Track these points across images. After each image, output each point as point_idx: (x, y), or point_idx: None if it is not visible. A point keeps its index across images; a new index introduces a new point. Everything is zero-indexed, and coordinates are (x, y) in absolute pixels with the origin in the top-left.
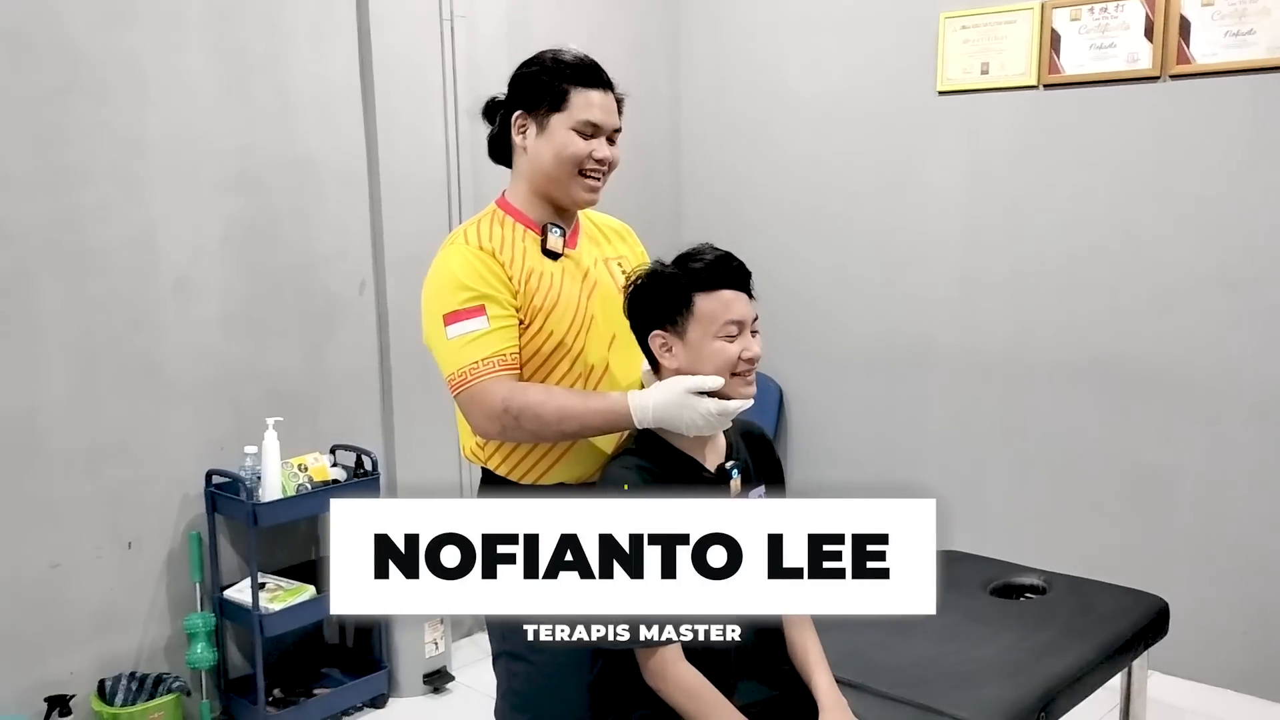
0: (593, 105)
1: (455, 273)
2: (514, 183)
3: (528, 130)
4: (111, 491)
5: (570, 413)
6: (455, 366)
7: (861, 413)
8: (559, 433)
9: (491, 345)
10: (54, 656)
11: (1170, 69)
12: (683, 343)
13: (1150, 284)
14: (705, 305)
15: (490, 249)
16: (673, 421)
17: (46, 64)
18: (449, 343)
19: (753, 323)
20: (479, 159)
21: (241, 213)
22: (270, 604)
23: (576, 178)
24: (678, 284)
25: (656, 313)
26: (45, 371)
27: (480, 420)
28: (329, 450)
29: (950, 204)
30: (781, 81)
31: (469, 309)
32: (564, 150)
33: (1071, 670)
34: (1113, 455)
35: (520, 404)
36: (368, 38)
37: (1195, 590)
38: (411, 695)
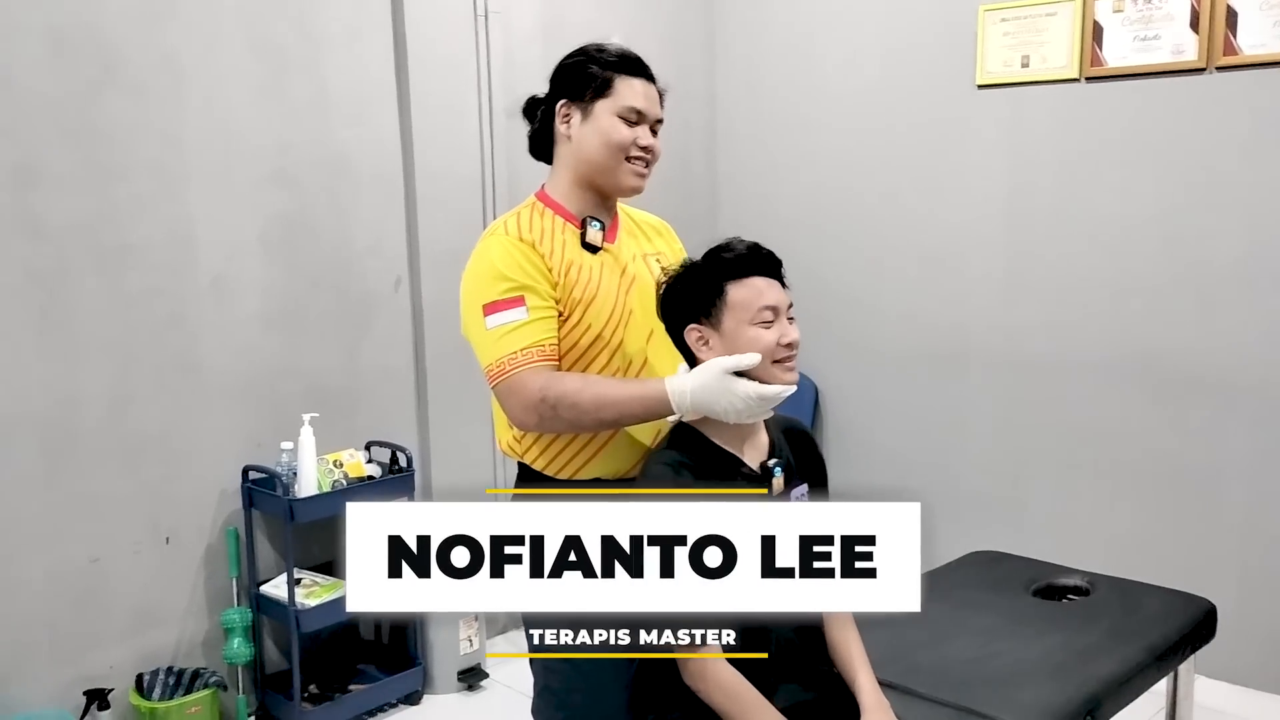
0: (637, 93)
1: (495, 263)
2: (555, 175)
3: (572, 118)
4: (150, 487)
5: (608, 399)
6: (494, 357)
7: (899, 411)
8: (597, 420)
9: (530, 335)
10: (93, 651)
11: (1216, 60)
12: (718, 334)
13: (1196, 280)
14: (738, 294)
15: (530, 240)
16: (710, 406)
17: (86, 61)
18: (488, 333)
19: (788, 310)
20: (513, 155)
21: (278, 209)
22: (306, 600)
23: (623, 164)
24: (709, 275)
25: (690, 306)
26: (85, 367)
27: (518, 411)
28: (364, 447)
29: (990, 199)
30: (818, 76)
31: (508, 299)
32: (610, 135)
33: (1117, 674)
34: (1156, 454)
35: (558, 392)
36: (403, 34)
37: (1241, 592)
38: (446, 692)
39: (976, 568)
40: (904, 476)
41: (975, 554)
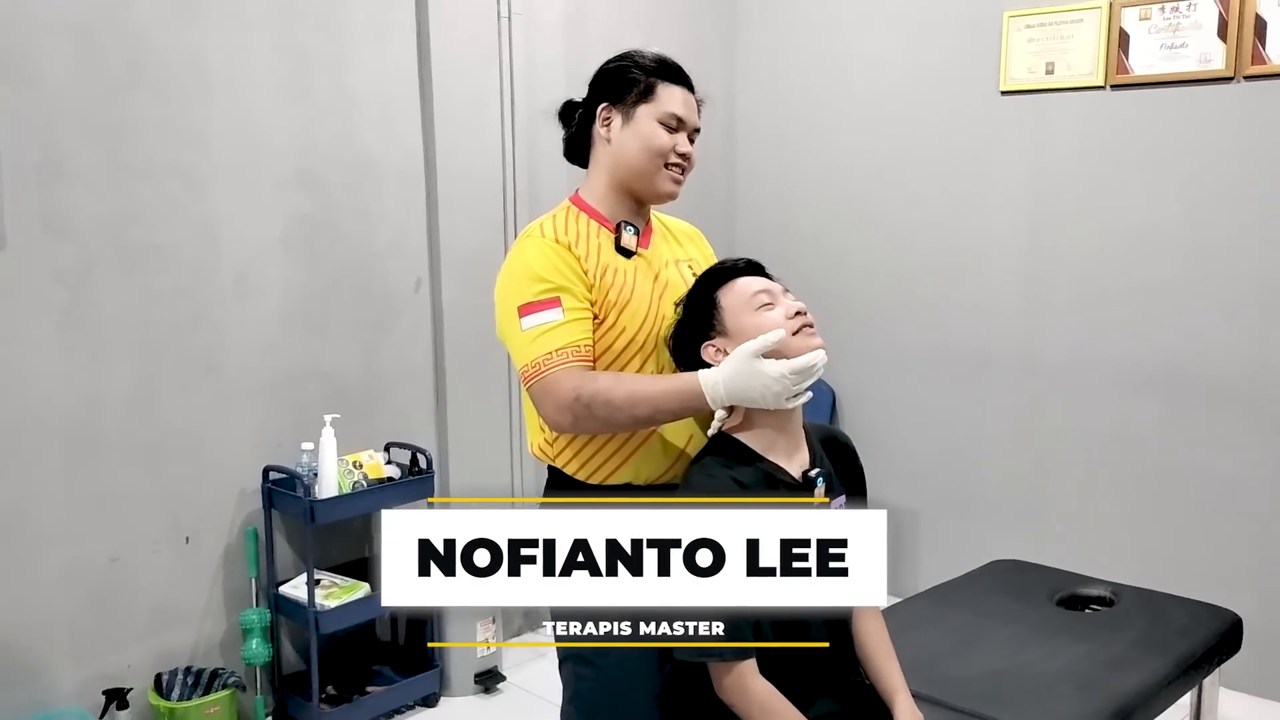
0: (677, 99)
1: (531, 264)
2: (591, 179)
3: (612, 122)
4: (170, 486)
5: (641, 396)
6: (529, 358)
7: (919, 419)
8: (631, 418)
9: (566, 336)
10: (112, 650)
11: (1245, 70)
12: (729, 338)
13: (1220, 290)
14: (728, 295)
15: (566, 242)
16: (746, 393)
17: (112, 60)
18: (523, 334)
19: (784, 292)
20: (536, 156)
21: (301, 210)
22: (325, 601)
23: (662, 170)
24: (699, 297)
25: (695, 333)
26: (108, 366)
27: (552, 411)
28: (384, 448)
29: (1012, 206)
30: (839, 81)
31: (544, 300)
32: (651, 141)
33: (1145, 686)
34: (1180, 464)
35: (591, 391)
36: (426, 35)
37: (1264, 603)
38: (463, 694)
39: (999, 577)
40: (923, 483)
41: (997, 563)
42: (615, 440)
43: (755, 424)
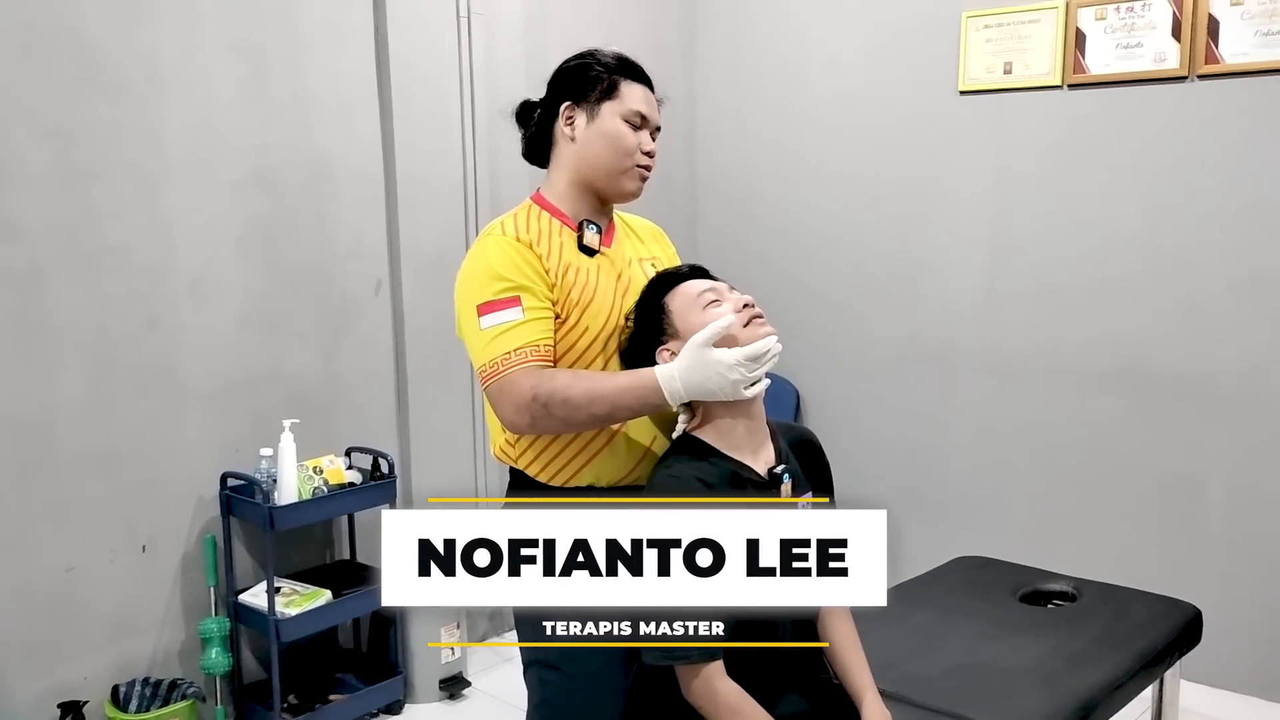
0: (639, 97)
1: (491, 263)
2: (552, 177)
3: (576, 120)
4: (126, 494)
5: (599, 393)
6: (487, 358)
7: (882, 418)
8: (590, 416)
9: (525, 336)
10: (67, 661)
11: (1199, 69)
12: (680, 339)
13: (1178, 287)
14: (676, 300)
15: (528, 240)
16: (703, 385)
17: (62, 60)
18: (482, 333)
19: (730, 291)
20: (496, 158)
21: (257, 212)
22: (286, 608)
23: (630, 169)
24: (647, 304)
25: (647, 341)
26: (60, 372)
27: (509, 412)
28: (345, 452)
29: (972, 205)
30: (800, 81)
31: (504, 299)
32: (619, 140)
33: (1109, 680)
34: (1139, 461)
35: (548, 390)
36: (385, 35)
37: (1223, 597)
38: (428, 701)
39: (963, 574)
40: (886, 481)
41: (961, 559)
42: (578, 442)
43: (717, 423)
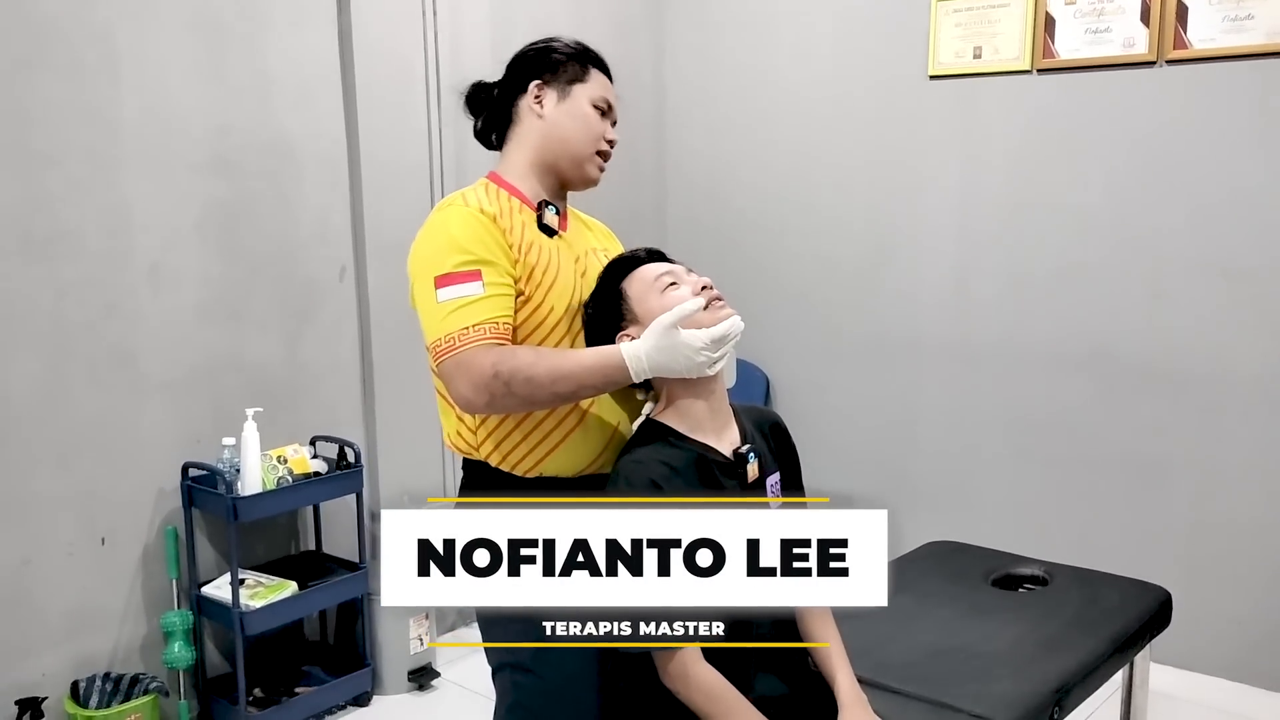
0: (606, 85)
1: (454, 234)
2: (511, 156)
3: (545, 99)
4: (84, 486)
5: (563, 371)
6: (442, 332)
7: (852, 404)
8: (552, 394)
9: (484, 311)
10: (25, 658)
11: (1167, 54)
12: (640, 324)
13: (1146, 272)
14: (634, 285)
15: (491, 214)
16: (670, 364)
17: (12, 37)
18: (438, 306)
19: (688, 273)
20: (461, 142)
21: (217, 196)
22: (250, 601)
23: (593, 156)
24: (605, 290)
25: (607, 325)
26: (14, 361)
27: (465, 389)
28: (309, 442)
29: (941, 190)
30: (768, 67)
31: (464, 272)
32: (589, 124)
33: (1083, 664)
34: (1108, 444)
35: (511, 368)
36: (348, 16)
37: (1190, 579)
38: (396, 693)
39: (935, 559)
40: (856, 466)
41: (933, 544)
42: (541, 429)
43: (679, 404)
